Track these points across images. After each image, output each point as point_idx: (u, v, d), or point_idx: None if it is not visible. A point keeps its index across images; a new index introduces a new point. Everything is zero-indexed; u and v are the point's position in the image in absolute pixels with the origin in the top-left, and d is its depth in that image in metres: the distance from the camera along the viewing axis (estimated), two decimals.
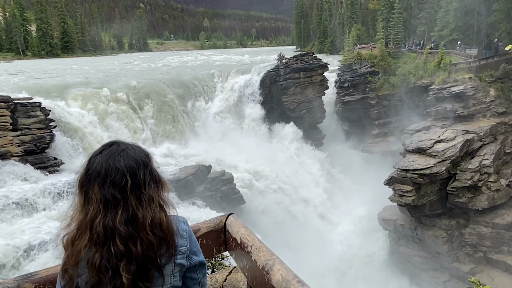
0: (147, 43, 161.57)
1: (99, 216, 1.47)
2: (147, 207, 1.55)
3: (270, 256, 2.12)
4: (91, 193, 1.49)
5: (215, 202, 21.20)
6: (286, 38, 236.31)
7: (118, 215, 1.48)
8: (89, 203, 1.49)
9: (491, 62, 26.83)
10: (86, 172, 1.52)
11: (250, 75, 35.86)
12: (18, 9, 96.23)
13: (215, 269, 4.48)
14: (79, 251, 1.45)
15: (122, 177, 1.51)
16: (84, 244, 1.45)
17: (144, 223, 1.51)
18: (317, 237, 24.61)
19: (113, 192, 1.49)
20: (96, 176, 1.50)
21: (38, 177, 17.91)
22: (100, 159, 1.53)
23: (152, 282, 1.54)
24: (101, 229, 1.45)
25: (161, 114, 28.86)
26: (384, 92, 34.85)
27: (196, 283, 1.78)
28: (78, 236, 1.47)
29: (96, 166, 1.51)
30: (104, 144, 1.61)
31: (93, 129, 23.85)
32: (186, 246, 1.71)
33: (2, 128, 18.44)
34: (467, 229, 21.50)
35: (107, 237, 1.46)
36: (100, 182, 1.49)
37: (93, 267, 1.44)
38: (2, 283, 2.04)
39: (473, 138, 22.19)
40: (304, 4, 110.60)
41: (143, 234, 1.51)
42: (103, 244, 1.45)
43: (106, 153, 1.55)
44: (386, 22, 40.54)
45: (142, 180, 1.56)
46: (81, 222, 1.49)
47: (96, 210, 1.47)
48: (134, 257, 1.47)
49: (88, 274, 1.46)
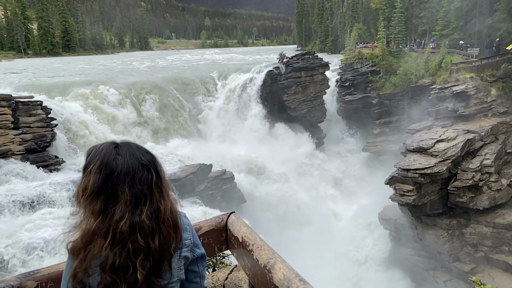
0: (148, 42, 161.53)
1: (126, 215, 1.47)
2: (165, 198, 1.60)
3: (272, 255, 2.13)
4: (120, 194, 1.48)
5: (216, 201, 21.23)
6: (287, 37, 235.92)
7: (144, 210, 1.50)
8: (115, 205, 1.47)
9: (492, 62, 26.79)
10: (109, 176, 1.49)
11: (251, 74, 35.85)
12: (19, 7, 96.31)
13: (217, 267, 4.49)
14: (93, 255, 1.44)
15: (148, 172, 1.55)
16: (102, 246, 1.44)
17: (165, 214, 1.56)
18: (318, 236, 24.57)
19: (142, 189, 1.52)
20: (124, 177, 1.50)
21: (39, 175, 17.94)
22: (123, 160, 1.52)
23: (162, 276, 1.56)
24: (127, 228, 1.46)
25: (162, 113, 28.90)
26: (385, 92, 34.82)
27: (197, 276, 1.79)
28: (92, 241, 1.45)
29: (122, 167, 1.50)
30: (107, 146, 1.57)
31: (94, 128, 23.87)
32: (190, 239, 1.74)
33: (3, 127, 18.47)
34: (468, 228, 21.46)
35: (130, 235, 1.47)
36: (130, 182, 1.50)
37: (110, 268, 1.44)
38: (4, 281, 2.04)
39: (474, 137, 22.15)
40: (305, 3, 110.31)
41: (163, 226, 1.55)
42: (125, 243, 1.46)
43: (125, 153, 1.54)
44: (388, 21, 40.45)
45: (160, 172, 1.61)
46: (97, 226, 1.46)
47: (124, 210, 1.47)
48: (151, 252, 1.50)
49: (100, 274, 1.45)
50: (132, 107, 27.61)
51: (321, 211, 28.42)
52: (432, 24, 39.54)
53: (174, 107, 30.14)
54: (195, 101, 32.36)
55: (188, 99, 31.80)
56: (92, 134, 23.35)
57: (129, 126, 26.35)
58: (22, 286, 2.04)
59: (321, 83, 36.88)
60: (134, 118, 27.14)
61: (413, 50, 37.80)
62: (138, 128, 26.96)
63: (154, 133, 27.68)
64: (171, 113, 29.65)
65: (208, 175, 22.46)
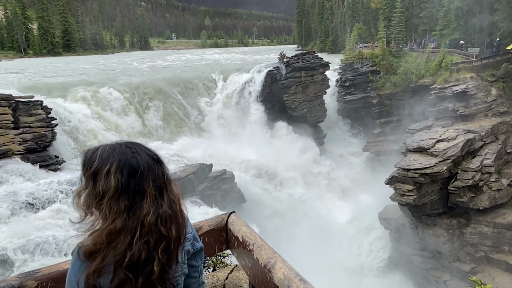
0: (148, 41, 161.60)
1: (153, 209, 1.53)
2: (174, 189, 1.67)
3: (272, 254, 2.13)
4: (146, 189, 1.54)
5: (216, 200, 21.23)
6: (288, 37, 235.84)
7: (165, 201, 1.58)
8: (142, 200, 1.52)
9: (492, 62, 26.79)
10: (133, 174, 1.53)
11: (252, 74, 35.84)
12: (19, 7, 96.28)
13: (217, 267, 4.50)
14: (118, 253, 1.46)
15: (160, 166, 1.62)
16: (128, 242, 1.47)
17: (178, 204, 1.65)
18: (318, 236, 24.57)
19: (160, 182, 1.59)
20: (148, 173, 1.56)
21: (40, 175, 17.95)
22: (141, 157, 1.57)
23: (173, 267, 1.61)
24: (154, 220, 1.52)
25: (166, 122, 28.52)
26: (386, 91, 34.82)
27: (196, 270, 1.80)
28: (116, 239, 1.47)
29: (144, 164, 1.56)
30: (116, 147, 1.59)
31: (95, 128, 23.87)
32: (191, 233, 1.78)
33: (3, 126, 18.47)
34: (468, 228, 21.46)
35: (155, 226, 1.53)
36: (152, 177, 1.56)
37: (128, 263, 1.46)
38: (5, 281, 2.04)
39: (475, 137, 22.15)
40: (306, 3, 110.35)
41: (179, 214, 1.63)
42: (151, 235, 1.52)
43: (139, 151, 1.60)
44: (388, 21, 40.46)
45: (166, 165, 1.69)
46: (124, 224, 1.48)
47: (150, 204, 1.53)
48: (171, 240, 1.57)
49: (113, 272, 1.46)
50: (136, 115, 27.13)
51: (320, 211, 28.39)
52: (433, 24, 39.56)
53: (178, 116, 29.61)
54: (194, 101, 32.27)
55: (188, 99, 31.67)
56: (92, 133, 23.35)
57: (133, 136, 26.02)
58: (22, 285, 2.04)
59: (321, 83, 36.86)
60: (139, 127, 26.86)
61: (413, 50, 37.80)
62: (143, 139, 26.51)
63: (154, 134, 27.55)
64: (175, 122, 29.12)
65: (208, 175, 22.47)
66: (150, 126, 27.52)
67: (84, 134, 22.92)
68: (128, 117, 26.64)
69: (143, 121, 27.38)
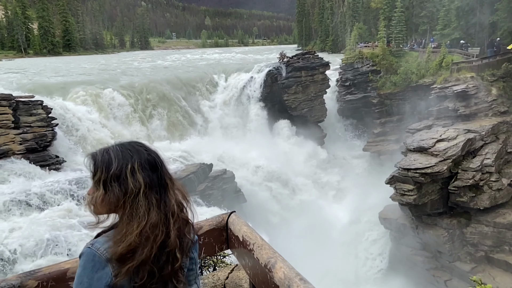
0: (149, 41, 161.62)
1: (174, 198, 1.65)
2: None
3: (272, 254, 2.13)
4: (168, 182, 1.65)
5: (216, 200, 21.23)
6: (288, 37, 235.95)
7: (177, 191, 1.70)
8: (166, 192, 1.62)
9: (493, 61, 26.78)
10: (156, 170, 1.62)
11: (252, 73, 35.84)
12: (20, 7, 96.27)
13: (217, 267, 4.50)
14: (158, 245, 1.52)
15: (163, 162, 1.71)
16: (164, 233, 1.55)
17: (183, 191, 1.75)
18: (318, 236, 24.56)
19: (170, 175, 1.69)
20: (165, 168, 1.67)
21: (40, 174, 17.95)
22: (155, 155, 1.66)
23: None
24: (176, 209, 1.63)
25: (170, 133, 28.29)
26: (386, 91, 34.80)
27: (193, 262, 1.82)
28: (152, 233, 1.52)
29: (160, 160, 1.66)
30: (130, 147, 1.62)
31: (96, 127, 23.86)
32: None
33: (4, 126, 18.45)
34: (469, 228, 21.45)
35: (178, 215, 1.64)
36: (166, 171, 1.68)
37: (165, 256, 1.56)
38: (5, 280, 2.04)
39: (475, 137, 22.14)
40: (306, 2, 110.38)
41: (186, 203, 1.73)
42: (178, 223, 1.63)
43: (148, 148, 1.67)
44: (388, 20, 40.42)
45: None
46: (159, 217, 1.55)
47: (172, 195, 1.64)
48: (191, 225, 1.71)
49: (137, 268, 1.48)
50: (141, 124, 26.72)
51: (320, 211, 28.39)
52: (433, 24, 39.49)
53: (183, 125, 29.23)
54: (194, 101, 32.22)
55: (188, 99, 31.58)
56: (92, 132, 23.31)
57: (129, 126, 25.98)
58: (23, 285, 2.04)
59: (322, 83, 36.87)
60: (135, 118, 26.70)
61: (413, 49, 37.76)
62: (139, 127, 26.48)
63: (154, 133, 27.43)
64: (180, 133, 28.66)
65: (208, 174, 22.49)
66: (155, 137, 26.90)
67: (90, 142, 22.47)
68: (132, 127, 26.18)
69: (147, 131, 26.90)
